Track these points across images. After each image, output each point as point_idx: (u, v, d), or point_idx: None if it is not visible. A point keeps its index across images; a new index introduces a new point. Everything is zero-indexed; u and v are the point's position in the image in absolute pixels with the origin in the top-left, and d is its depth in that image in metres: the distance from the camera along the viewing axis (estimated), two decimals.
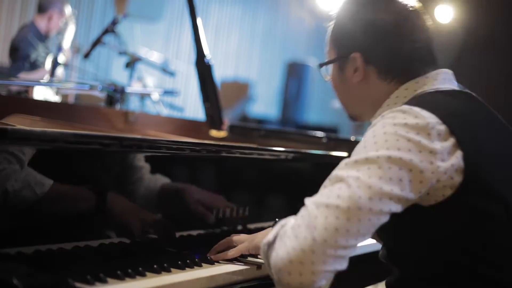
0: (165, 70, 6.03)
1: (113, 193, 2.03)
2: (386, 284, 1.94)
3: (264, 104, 11.46)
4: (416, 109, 1.72)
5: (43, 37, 5.88)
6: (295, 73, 10.71)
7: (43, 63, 5.74)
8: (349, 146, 3.28)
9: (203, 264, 2.05)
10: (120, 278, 1.75)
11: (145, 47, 7.23)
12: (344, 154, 3.15)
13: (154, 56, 6.58)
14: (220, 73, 9.97)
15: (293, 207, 2.84)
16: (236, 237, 2.19)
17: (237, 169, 2.54)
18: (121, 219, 2.03)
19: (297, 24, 11.57)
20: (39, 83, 4.38)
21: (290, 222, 1.70)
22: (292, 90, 10.72)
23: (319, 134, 3.77)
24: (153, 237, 2.13)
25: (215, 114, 3.17)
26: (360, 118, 2.12)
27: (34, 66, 5.68)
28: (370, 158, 1.65)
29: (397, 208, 1.64)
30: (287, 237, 1.62)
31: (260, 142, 3.36)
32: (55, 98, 5.23)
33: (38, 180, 1.76)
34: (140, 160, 2.11)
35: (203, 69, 3.17)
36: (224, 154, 2.43)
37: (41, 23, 5.93)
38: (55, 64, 5.31)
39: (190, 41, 9.82)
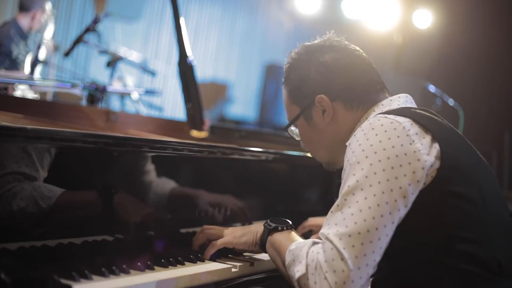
0: (147, 69, 6.04)
1: (96, 192, 2.04)
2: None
3: (242, 106, 11.46)
4: (390, 116, 1.89)
5: (24, 35, 5.86)
6: (273, 75, 10.73)
7: (23, 61, 5.72)
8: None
9: (186, 262, 2.07)
10: (105, 275, 1.77)
11: (124, 46, 7.21)
12: None
13: (133, 56, 6.56)
14: (198, 74, 9.97)
15: (273, 207, 2.88)
16: (211, 231, 2.25)
17: (218, 169, 2.56)
18: (104, 217, 2.04)
19: (276, 26, 11.58)
20: (20, 81, 4.36)
21: (319, 254, 1.79)
22: (270, 91, 10.74)
23: None
24: (136, 235, 2.15)
25: (197, 114, 3.18)
26: (337, 164, 2.21)
27: (15, 63, 5.65)
28: (369, 175, 1.80)
29: (405, 211, 1.81)
30: (327, 273, 1.74)
31: (240, 143, 3.37)
32: (33, 95, 5.21)
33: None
34: (123, 158, 2.13)
35: (186, 69, 3.18)
36: (206, 154, 2.45)
37: (23, 21, 5.90)
38: (35, 61, 5.29)
39: (169, 41, 9.86)
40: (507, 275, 1.85)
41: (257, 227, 2.16)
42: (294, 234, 2.08)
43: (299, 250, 1.87)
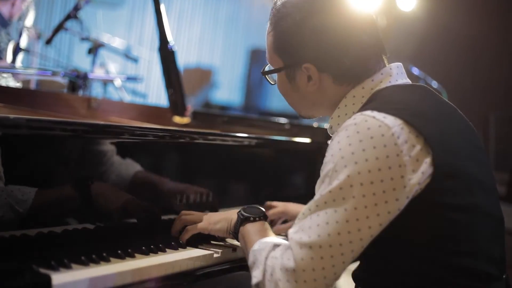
0: (129, 56, 6.00)
1: (76, 180, 2.03)
2: (353, 276, 1.94)
3: (227, 91, 11.44)
4: (380, 116, 1.72)
5: (5, 23, 5.80)
6: (258, 60, 10.70)
7: (5, 49, 5.67)
8: (312, 132, 3.32)
9: (167, 249, 2.07)
10: (84, 263, 1.76)
11: (107, 33, 7.16)
12: (307, 140, 3.18)
13: (117, 42, 6.52)
14: (183, 60, 9.93)
15: (256, 193, 2.88)
16: (188, 217, 2.25)
17: (200, 155, 2.55)
18: (84, 205, 2.03)
19: (260, 11, 11.54)
20: (1, 69, 4.32)
21: (276, 260, 1.75)
22: (255, 77, 10.72)
23: (282, 120, 3.79)
24: (117, 222, 2.14)
25: (178, 100, 3.18)
26: (313, 117, 2.12)
27: None
28: (344, 187, 1.67)
29: (378, 229, 1.70)
30: (280, 281, 1.70)
31: (224, 128, 3.37)
32: (15, 84, 5.17)
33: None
34: (104, 146, 2.11)
35: (166, 55, 3.17)
36: (187, 140, 2.43)
37: (4, 9, 5.84)
38: (16, 50, 5.24)
39: (152, 28, 9.80)
40: (494, 279, 1.80)
41: (232, 215, 2.13)
42: (265, 227, 2.05)
43: (259, 253, 1.83)
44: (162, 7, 3.13)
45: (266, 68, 2.09)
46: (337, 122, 1.96)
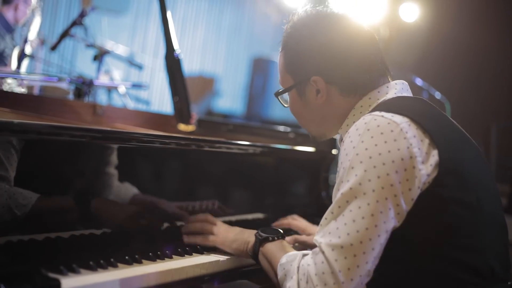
0: (133, 63, 6.02)
1: (85, 186, 2.04)
2: None
3: (230, 99, 11.46)
4: (388, 115, 1.81)
5: (10, 28, 5.82)
6: (260, 69, 10.70)
7: (10, 55, 5.69)
8: (316, 141, 3.32)
9: (173, 256, 2.08)
10: (93, 268, 1.77)
11: (111, 40, 7.19)
12: (311, 149, 3.19)
13: (120, 50, 6.54)
14: (185, 68, 9.95)
15: (261, 200, 2.88)
16: (207, 226, 2.25)
17: (206, 162, 2.56)
18: (92, 211, 2.04)
19: (263, 19, 11.58)
20: (6, 75, 4.33)
21: (309, 267, 1.76)
22: (258, 85, 10.72)
23: (286, 129, 3.80)
24: (125, 229, 2.15)
25: (184, 108, 3.18)
26: (325, 137, 2.18)
27: (1, 57, 5.62)
28: (363, 182, 1.73)
29: (396, 222, 1.76)
30: (317, 286, 1.72)
31: (228, 136, 3.37)
32: (20, 90, 5.19)
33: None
34: (111, 152, 2.12)
35: (173, 63, 3.17)
36: (194, 147, 2.44)
37: (8, 14, 5.87)
38: (21, 55, 5.26)
39: (156, 35, 9.84)
40: (499, 279, 1.83)
41: (249, 236, 2.16)
42: (285, 244, 2.08)
43: (290, 265, 1.85)
44: (169, 14, 3.14)
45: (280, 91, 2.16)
46: (346, 130, 2.00)
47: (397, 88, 2.01)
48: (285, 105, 2.17)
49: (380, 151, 1.74)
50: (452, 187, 1.78)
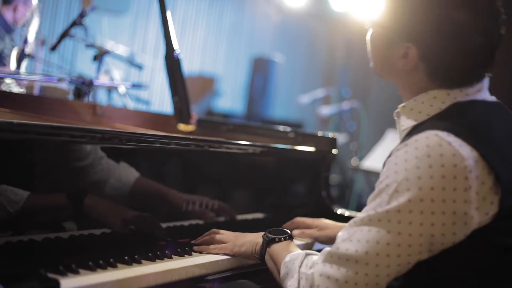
0: (133, 63, 6.01)
1: (83, 186, 2.03)
2: None
3: (230, 99, 11.45)
4: (456, 142, 1.61)
5: (10, 29, 5.82)
6: (261, 69, 10.69)
7: (9, 56, 5.69)
8: (316, 141, 3.32)
9: (173, 256, 2.08)
10: (92, 269, 1.77)
11: (111, 40, 7.18)
12: (311, 149, 3.18)
13: (120, 50, 6.54)
14: (185, 68, 9.94)
15: (261, 200, 2.88)
16: (218, 236, 2.24)
17: (206, 162, 2.56)
18: (91, 211, 2.04)
19: (263, 19, 11.57)
20: (6, 75, 4.33)
21: (317, 265, 1.74)
22: (258, 85, 10.71)
23: (286, 129, 3.80)
24: (124, 229, 2.15)
25: (184, 108, 3.18)
26: (381, 77, 1.97)
27: (0, 57, 5.62)
28: (403, 211, 1.61)
29: (427, 256, 1.66)
30: (319, 287, 1.69)
31: (228, 136, 3.37)
32: (19, 90, 5.18)
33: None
34: (110, 152, 2.12)
35: (172, 63, 3.17)
36: (194, 147, 2.44)
37: (7, 14, 5.87)
38: (21, 56, 5.25)
39: (156, 35, 9.84)
40: None
41: (257, 238, 2.14)
42: (292, 244, 2.06)
43: (292, 263, 1.84)
44: (169, 15, 3.14)
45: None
46: (407, 114, 1.86)
47: (481, 90, 1.79)
48: (366, 26, 1.93)
49: (433, 186, 1.59)
50: (506, 233, 1.63)
